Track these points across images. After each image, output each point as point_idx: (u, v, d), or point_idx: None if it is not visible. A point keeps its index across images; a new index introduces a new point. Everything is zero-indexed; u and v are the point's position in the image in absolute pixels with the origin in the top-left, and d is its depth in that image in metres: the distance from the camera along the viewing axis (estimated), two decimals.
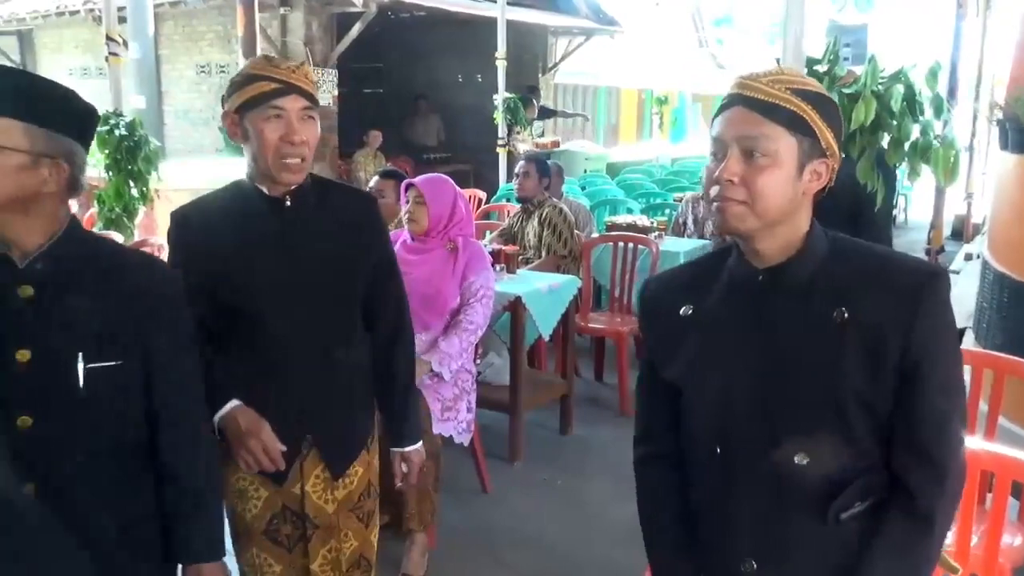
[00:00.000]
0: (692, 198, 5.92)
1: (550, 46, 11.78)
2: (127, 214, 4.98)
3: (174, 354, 1.51)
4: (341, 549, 1.89)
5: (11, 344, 1.36)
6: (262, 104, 1.67)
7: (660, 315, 1.40)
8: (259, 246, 1.74)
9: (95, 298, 1.42)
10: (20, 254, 1.38)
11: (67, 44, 11.49)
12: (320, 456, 1.83)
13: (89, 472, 1.43)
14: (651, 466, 1.47)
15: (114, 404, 1.44)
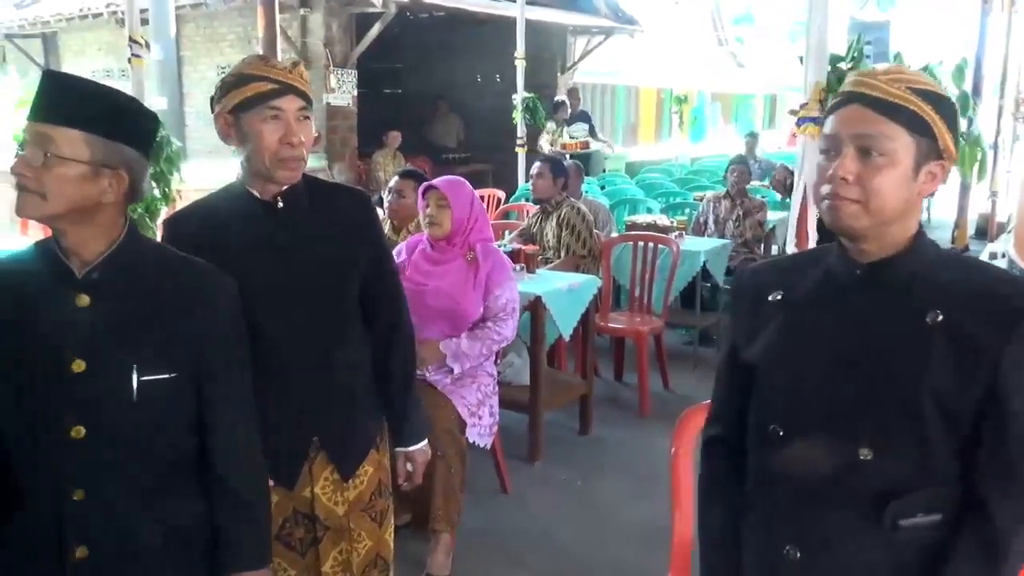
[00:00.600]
0: (713, 197, 5.90)
1: (569, 45, 11.75)
2: (149, 214, 5.00)
3: (228, 366, 1.51)
4: (353, 551, 1.88)
5: (67, 354, 1.36)
6: (259, 105, 1.65)
7: (749, 298, 1.42)
8: (253, 249, 1.72)
9: (152, 308, 1.42)
10: (79, 263, 1.39)
11: (90, 46, 11.61)
12: (328, 458, 1.83)
13: (139, 481, 1.43)
14: (716, 450, 1.49)
15: (167, 415, 1.44)
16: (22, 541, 1.40)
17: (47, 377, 1.35)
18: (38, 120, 1.34)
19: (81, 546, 1.39)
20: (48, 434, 1.36)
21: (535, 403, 3.68)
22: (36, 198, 1.33)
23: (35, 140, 1.32)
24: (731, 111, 20.44)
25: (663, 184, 8.30)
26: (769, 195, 7.35)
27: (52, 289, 1.38)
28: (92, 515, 1.39)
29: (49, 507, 1.38)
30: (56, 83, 1.39)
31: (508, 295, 3.02)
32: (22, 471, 1.38)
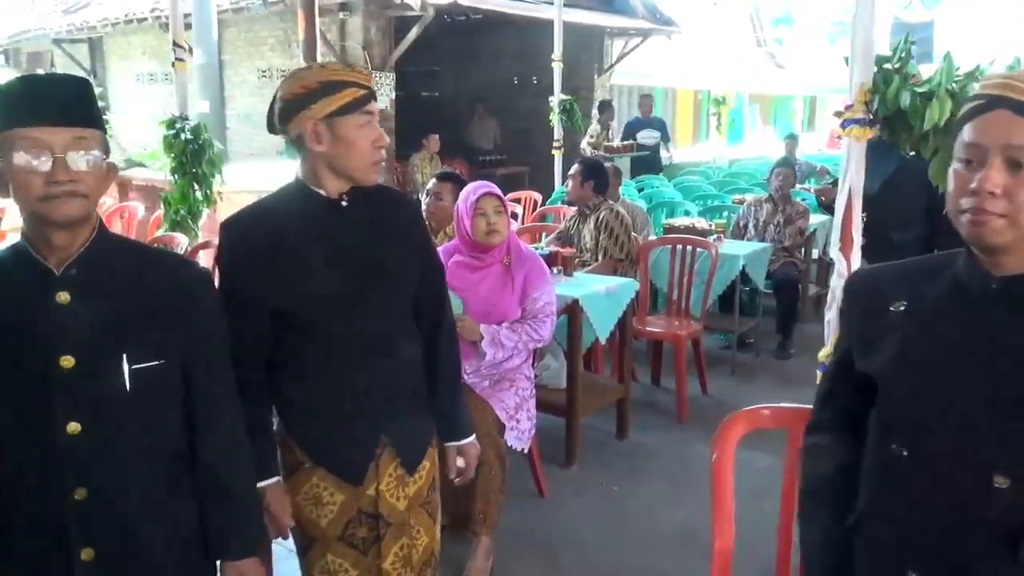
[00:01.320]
0: (754, 201, 5.83)
1: (606, 47, 11.71)
2: (191, 216, 5.09)
3: (213, 354, 1.53)
4: (413, 546, 1.90)
5: (55, 352, 1.36)
6: (355, 110, 1.70)
7: (867, 306, 1.35)
8: (318, 248, 1.75)
9: (131, 299, 1.43)
10: (57, 261, 1.38)
11: (135, 51, 11.83)
12: (395, 453, 1.85)
13: (138, 477, 1.44)
14: (821, 458, 1.43)
15: (159, 405, 1.46)
16: (28, 546, 1.39)
17: (37, 377, 1.35)
18: (69, 124, 1.33)
19: (87, 547, 1.39)
20: (44, 433, 1.36)
21: (572, 407, 3.66)
22: (82, 200, 1.35)
23: (69, 144, 1.32)
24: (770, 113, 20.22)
25: (701, 187, 8.23)
26: (810, 198, 7.25)
27: (31, 290, 1.37)
28: (95, 515, 1.39)
29: (52, 509, 1.38)
30: (69, 84, 1.40)
31: (546, 298, 3.01)
32: (21, 474, 1.38)
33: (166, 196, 5.17)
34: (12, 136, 1.31)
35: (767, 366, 5.26)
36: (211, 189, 5.16)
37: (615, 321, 3.84)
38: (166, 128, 5.06)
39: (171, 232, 5.05)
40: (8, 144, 1.31)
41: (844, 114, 2.50)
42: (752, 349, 5.41)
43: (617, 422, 4.10)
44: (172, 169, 5.08)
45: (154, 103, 11.07)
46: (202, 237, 5.15)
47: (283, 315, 1.75)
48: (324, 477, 1.81)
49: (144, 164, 7.63)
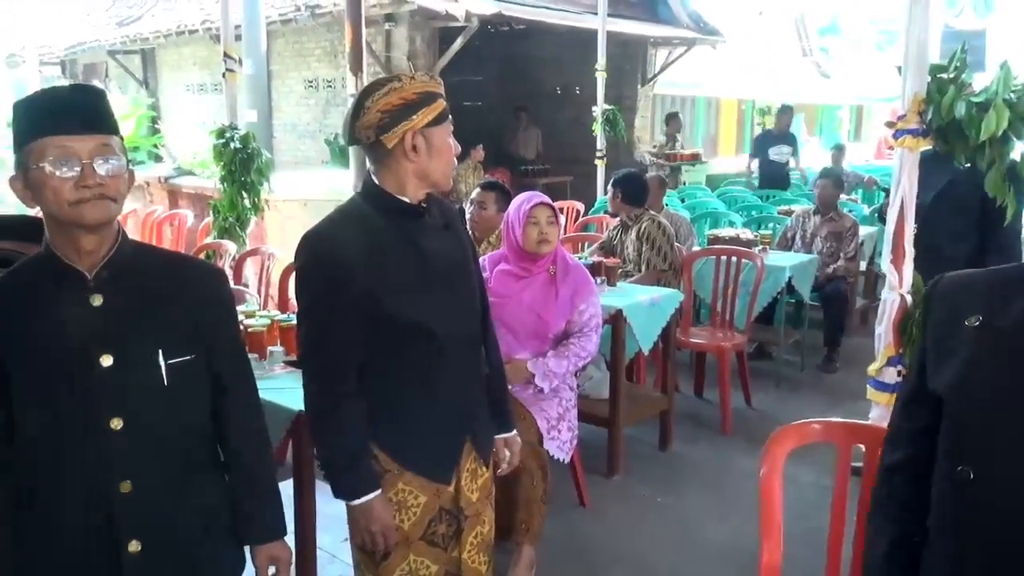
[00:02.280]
0: (802, 212, 5.75)
1: (650, 57, 11.67)
2: (240, 224, 5.18)
3: (233, 348, 1.61)
4: (484, 534, 1.97)
5: (93, 351, 1.41)
6: (445, 120, 1.79)
7: (942, 317, 1.32)
8: (403, 252, 1.80)
9: (159, 298, 1.49)
10: (88, 265, 1.43)
11: (186, 61, 12.10)
12: (473, 447, 1.92)
13: (178, 467, 1.51)
14: (898, 477, 1.40)
15: (193, 397, 1.52)
16: (75, 540, 1.44)
17: (78, 377, 1.40)
18: (92, 132, 1.38)
19: (134, 539, 1.44)
20: (89, 431, 1.41)
21: (614, 417, 3.65)
22: (110, 203, 1.39)
23: (94, 151, 1.37)
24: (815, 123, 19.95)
25: (745, 197, 8.15)
26: (856, 209, 7.14)
27: (64, 294, 1.42)
28: (140, 506, 1.44)
29: (99, 503, 1.43)
30: (89, 94, 1.45)
31: (592, 310, 3.00)
32: (67, 471, 1.42)
33: (215, 204, 5.27)
34: (41, 145, 1.35)
35: (813, 380, 5.18)
36: (259, 197, 5.24)
37: (659, 332, 3.82)
38: (216, 137, 5.16)
39: (220, 239, 5.14)
40: (37, 153, 1.36)
41: (897, 124, 2.46)
42: (775, 360, 5.34)
43: (660, 433, 4.06)
44: (221, 177, 5.18)
45: (203, 113, 11.31)
46: (249, 245, 5.23)
47: (378, 319, 1.76)
48: (410, 481, 1.84)
49: (194, 172, 7.79)
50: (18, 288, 1.44)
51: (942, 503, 1.30)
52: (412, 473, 1.83)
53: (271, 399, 2.38)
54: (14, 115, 1.40)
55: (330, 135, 9.91)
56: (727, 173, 11.66)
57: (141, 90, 12.70)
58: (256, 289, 4.51)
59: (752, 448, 4.02)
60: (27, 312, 1.41)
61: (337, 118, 9.85)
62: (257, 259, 4.83)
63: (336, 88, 9.87)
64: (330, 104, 10.06)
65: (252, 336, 2.75)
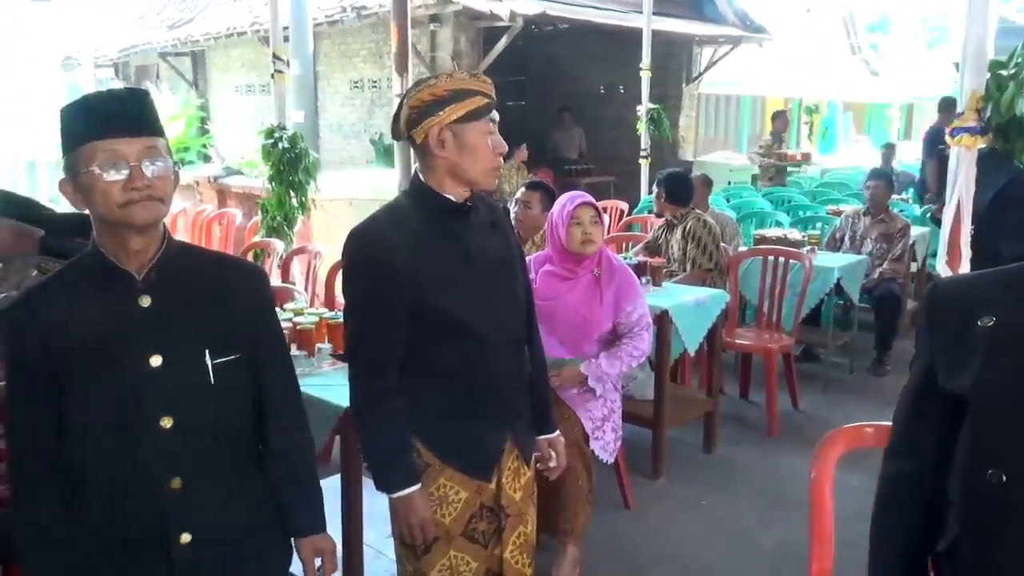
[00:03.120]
0: (852, 212, 5.65)
1: (695, 55, 11.57)
2: (287, 222, 5.25)
3: (276, 347, 1.63)
4: (527, 534, 1.96)
5: (143, 351, 1.44)
6: (481, 118, 1.76)
7: (950, 319, 1.29)
8: (447, 250, 1.81)
9: (205, 298, 1.51)
10: (136, 266, 1.45)
11: (234, 63, 12.31)
12: (515, 446, 1.92)
13: (225, 463, 1.54)
14: (907, 485, 1.37)
15: (238, 396, 1.55)
16: (125, 536, 1.47)
17: (128, 377, 1.43)
18: (139, 134, 1.40)
19: (185, 532, 1.47)
20: (140, 429, 1.44)
21: (659, 419, 3.62)
22: (158, 204, 1.41)
23: (142, 153, 1.39)
24: (864, 121, 19.60)
25: (792, 197, 8.03)
26: (908, 209, 6.99)
27: (113, 295, 1.45)
28: (190, 502, 1.47)
29: (151, 499, 1.46)
30: (137, 97, 1.46)
31: (640, 310, 2.98)
32: (119, 468, 1.45)
33: (263, 203, 5.35)
34: (90, 149, 1.38)
35: (862, 383, 5.09)
36: (306, 196, 5.31)
37: (704, 333, 3.78)
38: (264, 137, 5.24)
39: (268, 238, 5.22)
40: (86, 157, 1.38)
41: (954, 122, 2.40)
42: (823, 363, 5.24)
43: (704, 435, 4.02)
44: (269, 177, 5.25)
45: (251, 113, 11.49)
46: (296, 243, 5.30)
47: (421, 316, 1.78)
48: (452, 476, 1.85)
49: (242, 172, 7.91)
50: (68, 288, 1.46)
51: (971, 507, 1.26)
52: (453, 469, 1.84)
53: (318, 395, 2.41)
54: (62, 120, 1.43)
55: (375, 135, 10.01)
56: None
57: (191, 91, 12.94)
58: (303, 287, 4.57)
59: (799, 451, 3.96)
60: (77, 312, 1.43)
61: (382, 118, 9.94)
62: (304, 258, 4.89)
63: (381, 88, 9.96)
64: (375, 104, 10.15)
65: (301, 333, 2.79)
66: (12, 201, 3.27)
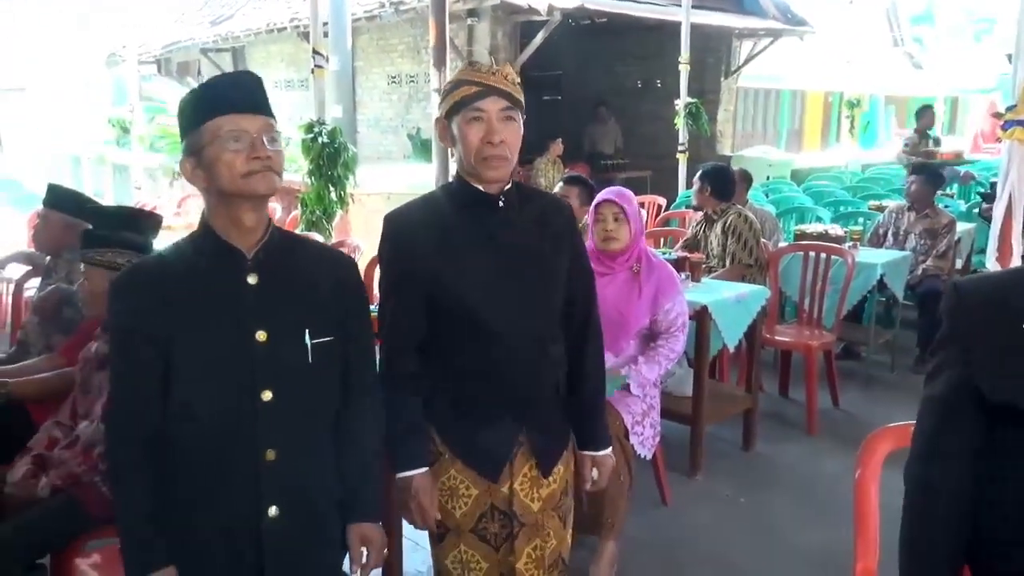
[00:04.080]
0: (896, 208, 5.55)
1: (734, 49, 11.43)
2: (326, 217, 5.30)
3: (363, 332, 1.68)
4: (545, 548, 1.90)
5: (251, 327, 1.52)
6: (465, 107, 1.74)
7: (989, 326, 1.25)
8: (475, 243, 1.80)
9: (305, 281, 1.59)
10: (247, 245, 1.55)
11: (274, 59, 12.44)
12: (531, 453, 1.86)
13: (315, 441, 1.60)
14: (937, 495, 1.34)
15: (331, 376, 1.61)
16: (220, 505, 1.53)
17: (237, 349, 1.51)
18: (258, 112, 1.50)
19: (273, 504, 1.52)
20: (244, 401, 1.51)
21: (697, 415, 3.59)
22: (275, 176, 1.51)
23: (261, 129, 1.49)
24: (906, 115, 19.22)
25: (833, 192, 7.91)
26: (953, 205, 6.86)
27: (225, 272, 1.53)
28: (282, 474, 1.53)
29: (247, 469, 1.51)
30: (253, 80, 1.55)
31: (678, 308, 2.96)
32: (220, 437, 1.51)
33: (303, 197, 5.40)
34: (215, 124, 1.47)
35: (904, 382, 4.99)
36: (345, 191, 5.36)
37: (744, 329, 3.74)
38: (304, 132, 5.29)
39: (307, 232, 5.27)
40: (211, 132, 1.48)
41: (1006, 115, 2.35)
42: (864, 360, 5.15)
43: (743, 432, 3.99)
44: (309, 171, 5.30)
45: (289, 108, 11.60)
46: (335, 237, 5.35)
47: (438, 306, 1.79)
48: (462, 470, 1.85)
49: None
50: (179, 262, 1.55)
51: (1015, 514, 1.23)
52: (462, 463, 1.85)
53: None
54: (186, 103, 1.52)
55: (412, 130, 10.05)
56: (814, 167, 11.36)
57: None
58: None
59: (839, 450, 3.91)
60: (190, 286, 1.51)
61: (419, 113, 9.98)
62: (344, 250, 4.93)
63: (418, 83, 9.99)
64: (412, 99, 10.19)
65: None
66: (61, 195, 3.35)
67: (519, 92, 1.79)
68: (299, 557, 1.56)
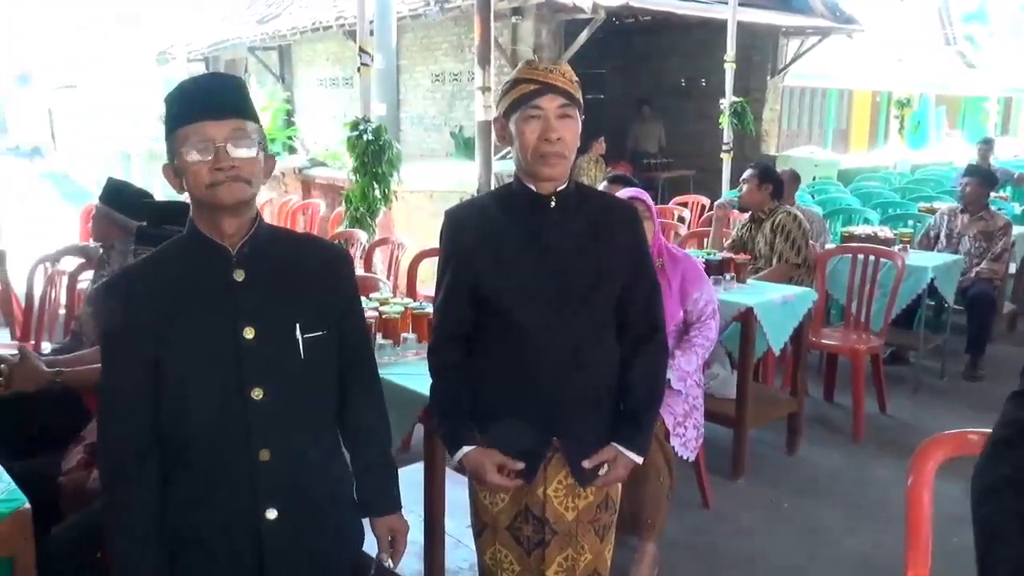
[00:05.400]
0: (948, 210, 5.42)
1: (781, 47, 11.27)
2: (370, 213, 5.34)
3: (358, 326, 1.66)
4: (577, 560, 1.88)
5: (238, 323, 1.48)
6: (523, 105, 1.73)
7: None
8: (520, 243, 1.79)
9: (294, 275, 1.55)
10: (231, 242, 1.50)
11: (319, 57, 12.57)
12: (564, 462, 1.83)
13: (310, 439, 1.56)
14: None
15: (326, 372, 1.58)
16: (217, 507, 1.51)
17: (223, 348, 1.47)
18: (225, 116, 1.43)
19: (271, 506, 1.50)
20: (233, 399, 1.47)
21: (741, 418, 3.55)
22: (244, 185, 1.44)
23: (229, 135, 1.42)
24: (957, 116, 18.80)
25: (882, 193, 7.76)
26: (1007, 207, 6.68)
27: (211, 269, 1.49)
28: (277, 474, 1.50)
29: (241, 470, 1.49)
30: (224, 81, 1.52)
31: (706, 296, 2.96)
32: (212, 438, 1.49)
33: (347, 193, 5.45)
34: (183, 133, 1.43)
35: (954, 388, 4.89)
36: (389, 188, 5.40)
37: (790, 332, 3.68)
38: (350, 129, 5.34)
39: (351, 228, 5.32)
40: (180, 141, 1.44)
41: None
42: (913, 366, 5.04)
43: (787, 437, 3.93)
44: (354, 168, 5.35)
45: (334, 106, 11.72)
46: (378, 234, 5.39)
47: (481, 303, 1.80)
48: None
49: (326, 163, 8.08)
50: (166, 263, 1.53)
51: None
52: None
53: (403, 384, 2.44)
54: (165, 108, 1.49)
55: (455, 127, 10.07)
56: (861, 168, 11.15)
57: (277, 85, 13.28)
58: (385, 278, 4.64)
59: (886, 457, 3.85)
60: (176, 285, 1.49)
61: (462, 111, 10.01)
62: (386, 248, 4.97)
63: (462, 81, 10.02)
64: (455, 97, 10.22)
65: (387, 322, 2.83)
66: (117, 189, 3.43)
67: (577, 90, 1.77)
68: (300, 557, 1.55)
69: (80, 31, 21.35)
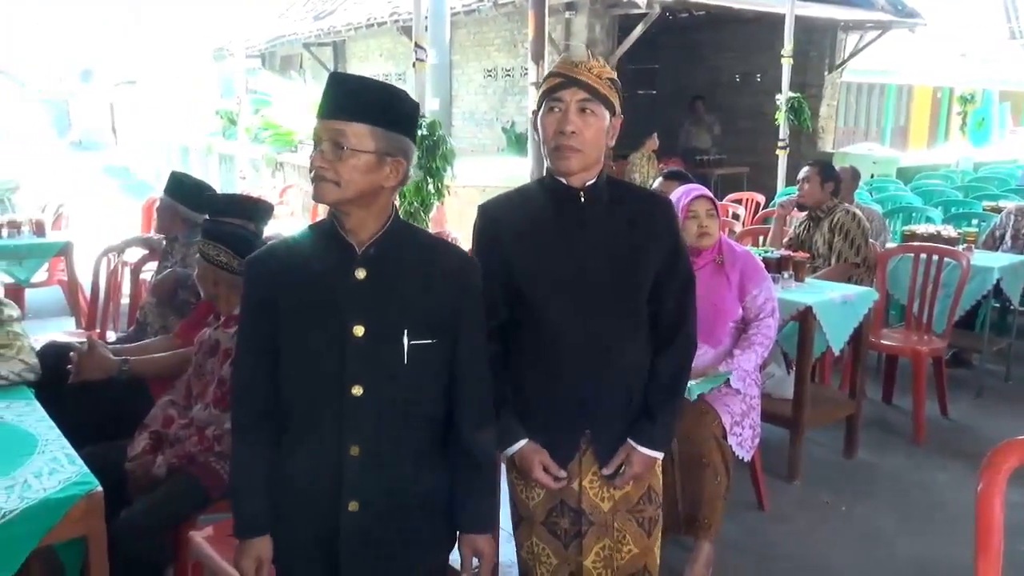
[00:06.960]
0: (1015, 209, 5.26)
1: (839, 42, 11.03)
2: (424, 208, 5.38)
3: (476, 339, 1.63)
4: (617, 550, 1.89)
5: (349, 319, 1.51)
6: (547, 98, 1.75)
7: None
8: (548, 238, 1.80)
9: (416, 282, 1.55)
10: (357, 241, 1.53)
11: (372, 53, 12.69)
12: (596, 456, 1.85)
13: (404, 440, 1.57)
14: None
15: (428, 379, 1.57)
16: (303, 492, 1.56)
17: (333, 341, 1.50)
18: (331, 118, 1.48)
19: (354, 500, 1.53)
20: (334, 393, 1.51)
21: (798, 419, 3.49)
22: (332, 186, 1.47)
23: (329, 135, 1.47)
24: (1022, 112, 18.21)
25: (944, 192, 7.55)
26: None
27: (334, 264, 1.53)
28: (365, 470, 1.52)
29: (330, 461, 1.52)
30: (343, 83, 1.54)
31: (766, 293, 2.92)
32: (305, 428, 1.54)
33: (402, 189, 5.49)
34: (317, 126, 1.51)
35: (1020, 392, 4.74)
36: (442, 183, 5.43)
37: (850, 332, 3.61)
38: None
39: None
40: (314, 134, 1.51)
41: None
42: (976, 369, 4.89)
43: (845, 439, 3.85)
44: None
45: None
46: (431, 229, 5.42)
47: (514, 294, 1.81)
48: None
49: None
50: (303, 247, 1.58)
51: None
52: None
53: None
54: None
55: (507, 123, 10.09)
56: (920, 166, 10.88)
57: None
58: None
59: (948, 462, 3.74)
60: (303, 271, 1.54)
61: (514, 107, 10.02)
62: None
63: (514, 77, 10.03)
64: (507, 93, 10.24)
65: None
66: (182, 183, 3.51)
67: (606, 88, 1.74)
68: (376, 552, 1.57)
69: (139, 28, 21.89)
